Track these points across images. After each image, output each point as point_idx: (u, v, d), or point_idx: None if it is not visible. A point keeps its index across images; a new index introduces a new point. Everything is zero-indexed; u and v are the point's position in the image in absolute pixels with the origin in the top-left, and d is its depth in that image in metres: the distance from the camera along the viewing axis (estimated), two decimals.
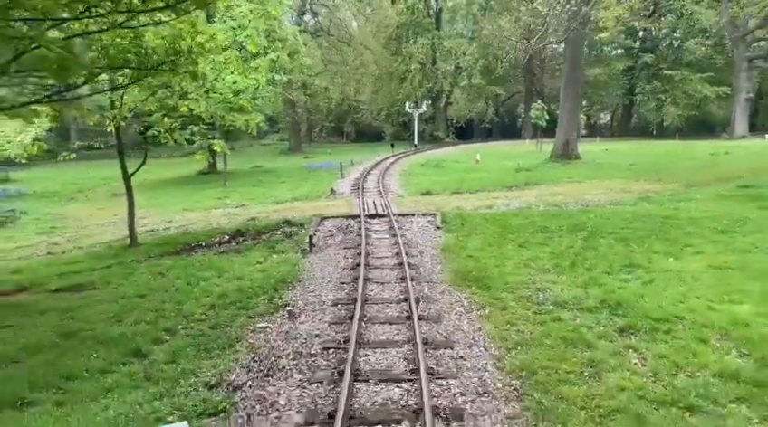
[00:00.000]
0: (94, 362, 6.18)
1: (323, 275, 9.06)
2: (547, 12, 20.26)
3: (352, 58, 47.11)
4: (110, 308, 8.08)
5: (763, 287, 6.97)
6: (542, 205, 13.81)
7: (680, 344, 5.59)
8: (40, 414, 5.07)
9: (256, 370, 5.75)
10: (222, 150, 13.63)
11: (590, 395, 4.76)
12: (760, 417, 4.28)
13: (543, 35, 22.54)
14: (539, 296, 7.39)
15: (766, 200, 12.34)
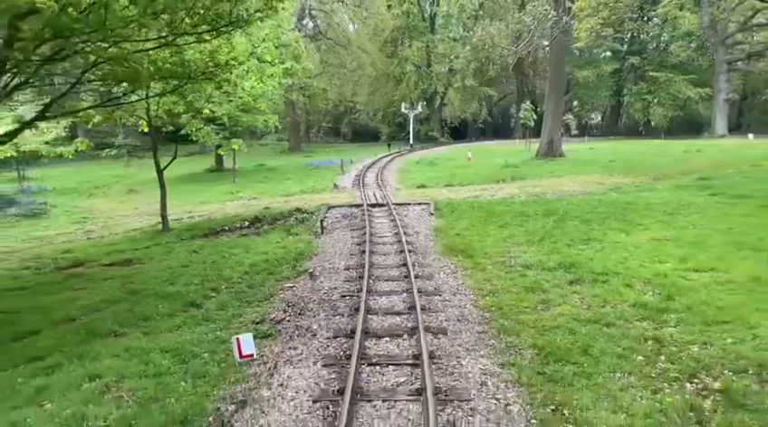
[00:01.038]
0: (161, 309, 7.93)
1: (335, 249, 10.85)
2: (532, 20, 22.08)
3: (349, 60, 48.90)
4: (161, 275, 9.85)
5: (686, 252, 8.82)
6: (523, 196, 15.63)
7: (612, 288, 7.42)
8: (133, 340, 6.83)
9: (291, 311, 7.53)
10: (239, 147, 15.39)
11: (539, 319, 6.57)
12: (654, 328, 6.09)
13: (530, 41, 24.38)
14: (511, 261, 9.21)
15: (714, 189, 14.23)
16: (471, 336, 6.31)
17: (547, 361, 5.51)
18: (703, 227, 10.51)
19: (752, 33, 47.36)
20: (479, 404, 4.80)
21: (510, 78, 59.59)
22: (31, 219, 18.13)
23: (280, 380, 5.48)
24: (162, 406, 5.03)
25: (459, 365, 5.58)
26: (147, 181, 29.83)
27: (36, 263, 11.73)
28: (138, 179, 30.83)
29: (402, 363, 5.62)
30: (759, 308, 6.30)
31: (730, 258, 8.30)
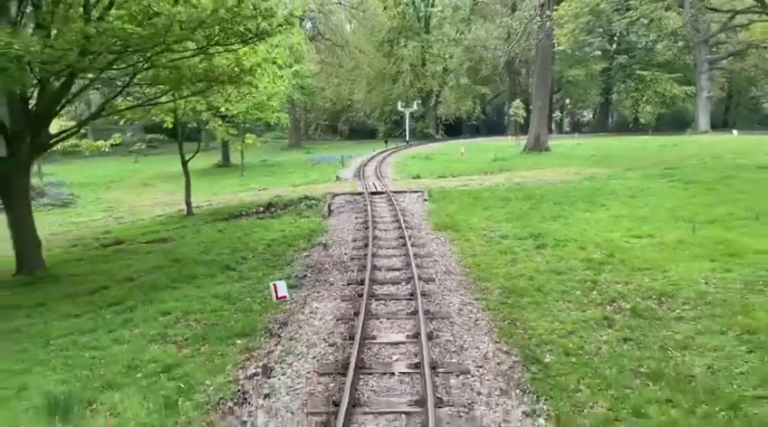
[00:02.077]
0: (203, 271, 9.73)
1: (342, 227, 12.69)
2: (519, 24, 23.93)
3: (347, 60, 50.63)
4: (195, 248, 11.65)
5: (634, 224, 10.71)
6: (507, 184, 17.49)
7: (568, 250, 9.28)
8: (187, 291, 8.63)
9: (311, 270, 9.36)
10: (253, 143, 17.18)
11: (508, 271, 8.41)
12: (593, 274, 7.92)
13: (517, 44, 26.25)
14: (491, 234, 11.06)
15: (673, 177, 16.14)
16: (453, 283, 8.15)
17: (509, 296, 7.36)
18: (654, 206, 12.40)
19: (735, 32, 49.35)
20: (456, 320, 6.64)
21: (503, 77, 61.39)
22: (61, 208, 19.86)
23: (310, 309, 7.31)
24: (224, 327, 6.84)
25: (443, 299, 7.42)
26: (158, 175, 31.59)
27: (82, 242, 13.50)
28: (148, 174, 32.55)
29: (401, 298, 7.46)
30: (674, 259, 8.17)
31: (666, 227, 10.19)
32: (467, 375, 5.22)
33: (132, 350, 6.33)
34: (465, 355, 5.69)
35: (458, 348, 5.84)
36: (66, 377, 5.69)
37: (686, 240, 9.14)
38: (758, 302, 6.31)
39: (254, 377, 5.47)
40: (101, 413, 4.95)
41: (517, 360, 5.54)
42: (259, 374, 5.50)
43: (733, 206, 11.45)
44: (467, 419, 4.47)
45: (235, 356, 6.01)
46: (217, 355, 6.05)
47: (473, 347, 5.87)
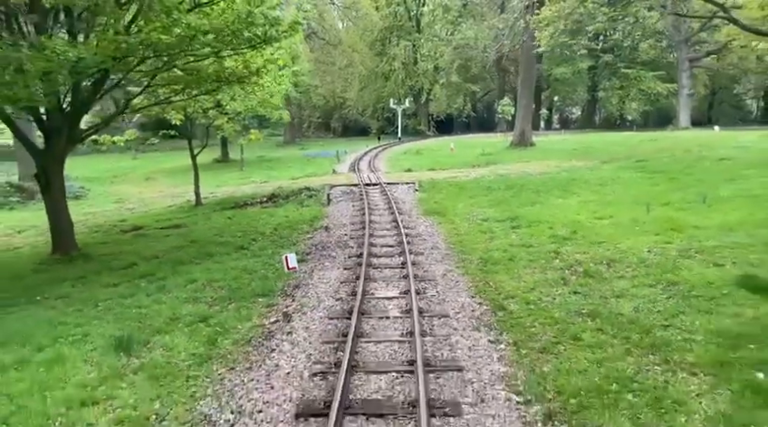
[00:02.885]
0: (219, 250, 11.02)
1: (341, 213, 14.02)
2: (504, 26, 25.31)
3: (340, 59, 51.84)
4: (209, 232, 12.94)
5: (599, 208, 12.14)
6: (491, 176, 18.89)
7: (539, 229, 10.68)
8: (208, 265, 9.93)
9: (315, 248, 10.68)
10: (257, 138, 18.43)
11: (486, 247, 9.79)
12: (557, 247, 9.31)
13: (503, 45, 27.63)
14: (473, 217, 12.44)
15: (643, 169, 17.63)
16: (439, 256, 9.53)
17: (485, 264, 8.74)
18: (620, 193, 13.86)
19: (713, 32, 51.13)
20: (440, 282, 8.01)
21: (492, 75, 62.87)
22: (74, 200, 20.93)
23: (318, 276, 8.66)
24: (245, 290, 8.16)
25: (430, 267, 8.78)
26: (159, 171, 32.70)
27: (102, 229, 14.72)
28: (149, 169, 33.64)
29: (394, 267, 8.82)
30: (627, 235, 9.60)
31: (626, 210, 11.63)
32: (447, 318, 6.59)
33: (170, 308, 7.62)
34: (445, 305, 7.06)
35: (441, 301, 7.21)
36: (120, 327, 6.97)
37: (640, 219, 10.58)
38: (685, 264, 7.73)
39: (276, 323, 6.81)
40: (157, 349, 6.26)
41: (487, 308, 6.91)
42: (280, 320, 6.85)
43: (687, 192, 12.93)
44: (445, 344, 5.84)
45: (259, 310, 7.34)
46: (243, 309, 7.37)
47: (452, 300, 7.24)
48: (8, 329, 7.20)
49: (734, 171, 15.51)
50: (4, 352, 6.35)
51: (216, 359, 5.90)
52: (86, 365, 5.91)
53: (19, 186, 20.81)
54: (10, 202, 19.74)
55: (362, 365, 5.35)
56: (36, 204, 20.62)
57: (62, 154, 11.02)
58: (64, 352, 6.24)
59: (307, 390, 5.01)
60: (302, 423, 4.45)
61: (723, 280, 6.91)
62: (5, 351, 6.38)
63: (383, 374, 5.22)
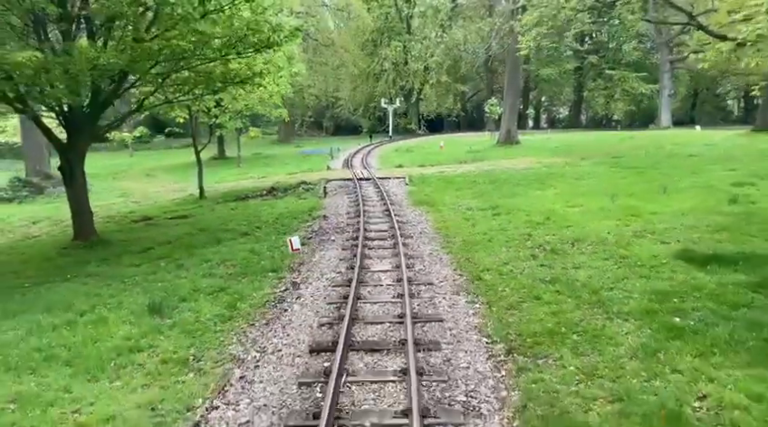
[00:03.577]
0: (227, 236, 12.11)
1: (337, 204, 15.16)
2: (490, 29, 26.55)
3: (333, 59, 52.92)
4: (215, 221, 14.01)
5: (572, 198, 13.39)
6: (477, 171, 20.12)
7: (516, 216, 11.89)
8: (219, 248, 11.02)
9: (315, 234, 11.81)
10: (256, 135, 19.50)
11: (469, 231, 10.98)
12: (530, 231, 10.53)
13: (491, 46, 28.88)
14: (459, 207, 13.64)
15: (617, 164, 18.97)
16: (427, 238, 10.71)
17: (467, 245, 9.93)
18: (592, 186, 15.15)
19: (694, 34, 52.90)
20: (427, 258, 9.19)
21: (482, 75, 64.26)
22: None
23: (319, 255, 9.81)
24: (256, 267, 9.28)
25: (419, 248, 9.96)
26: (157, 167, 33.58)
27: (114, 219, 15.73)
28: (147, 166, 34.50)
29: (387, 247, 9.99)
30: (592, 220, 10.85)
31: (595, 200, 12.90)
32: (432, 285, 7.77)
33: (191, 281, 8.71)
34: (431, 276, 8.25)
35: (427, 273, 8.40)
36: (150, 296, 8.03)
37: (606, 207, 11.85)
38: (637, 242, 8.98)
39: (286, 290, 7.96)
40: (185, 312, 7.36)
41: (466, 278, 8.10)
42: (290, 289, 7.99)
43: (651, 184, 14.24)
44: (430, 304, 7.02)
45: (269, 282, 8.47)
46: (256, 281, 8.49)
47: (437, 272, 8.43)
48: (50, 300, 8.27)
49: (698, 166, 16.88)
50: (52, 316, 7.43)
51: (237, 318, 7.03)
52: (126, 324, 7.00)
53: (27, 181, 21.69)
54: (19, 196, 20.64)
55: (361, 318, 6.52)
56: (44, 198, 21.57)
57: (84, 149, 12.06)
58: (105, 315, 7.34)
59: (317, 335, 6.17)
60: (315, 357, 5.61)
61: (665, 254, 8.17)
62: (53, 316, 7.46)
63: (378, 324, 6.39)
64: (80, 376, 5.65)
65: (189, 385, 5.28)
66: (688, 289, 6.69)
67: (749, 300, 6.14)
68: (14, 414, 4.96)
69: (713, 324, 5.59)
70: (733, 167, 15.93)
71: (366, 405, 4.62)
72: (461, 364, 5.36)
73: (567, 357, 5.28)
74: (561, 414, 4.30)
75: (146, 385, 5.36)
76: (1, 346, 6.47)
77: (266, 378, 5.27)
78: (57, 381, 5.54)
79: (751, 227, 9.30)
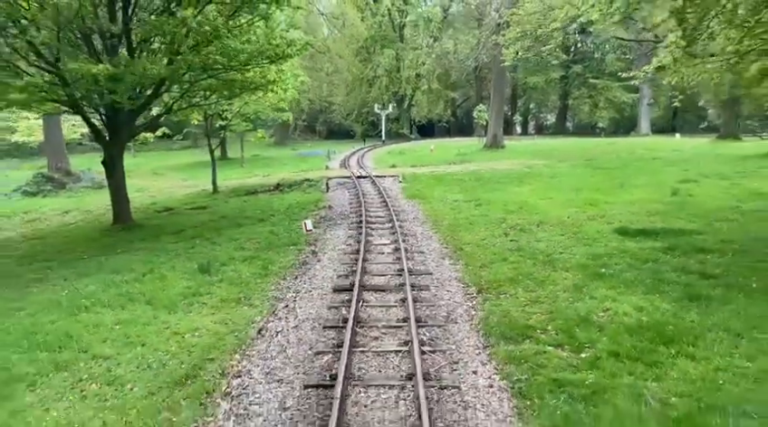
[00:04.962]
0: (246, 222, 14.07)
1: (340, 197, 17.18)
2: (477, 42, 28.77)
3: (327, 65, 55.08)
4: (232, 211, 15.95)
5: (544, 193, 15.54)
6: (464, 171, 22.24)
7: (495, 206, 13.99)
8: (243, 230, 12.98)
9: (323, 220, 13.81)
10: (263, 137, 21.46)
11: (454, 217, 13.05)
12: (505, 216, 12.62)
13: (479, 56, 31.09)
14: (446, 200, 15.71)
15: (589, 165, 21.21)
16: (418, 222, 12.77)
17: (452, 227, 11.99)
18: (564, 183, 17.32)
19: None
20: (419, 236, 11.24)
21: (471, 82, 66.76)
22: (97, 190, 23.65)
23: (330, 234, 11.82)
24: (278, 243, 11.26)
25: (412, 229, 12.01)
26: (163, 167, 35.36)
27: (139, 210, 17.58)
28: (154, 166, 36.24)
29: (385, 229, 12.02)
30: (557, 208, 12.98)
31: (563, 194, 15.06)
32: (423, 253, 9.82)
33: (225, 253, 10.67)
34: (422, 247, 10.30)
35: (419, 245, 10.45)
36: (196, 261, 10.00)
37: (570, 199, 14.00)
38: (588, 224, 11.12)
39: (306, 257, 9.96)
40: (228, 272, 9.31)
41: (450, 249, 10.16)
42: (309, 256, 10.00)
43: (613, 181, 16.46)
44: (421, 263, 9.07)
45: (292, 252, 10.46)
46: (280, 251, 10.49)
47: (427, 245, 10.48)
48: (113, 265, 10.19)
49: (658, 167, 19.16)
50: (121, 276, 9.35)
51: (271, 275, 9.02)
52: (182, 280, 8.94)
53: (49, 177, 23.43)
54: (43, 190, 22.38)
55: (369, 271, 8.56)
56: (66, 193, 23.32)
57: (123, 145, 13.98)
58: (165, 273, 9.29)
59: (336, 282, 8.19)
60: (338, 294, 7.63)
61: (607, 231, 10.31)
62: (121, 275, 9.38)
63: (382, 276, 8.43)
64: (160, 310, 7.60)
65: (247, 312, 7.28)
66: (616, 252, 8.82)
67: (656, 258, 8.28)
68: (120, 330, 6.90)
69: (625, 271, 7.71)
70: (686, 168, 18.23)
71: (378, 318, 6.65)
72: (444, 297, 7.42)
73: (520, 293, 7.36)
74: (510, 321, 6.36)
75: (213, 313, 7.34)
76: (91, 294, 8.39)
77: (304, 306, 7.29)
78: (145, 313, 7.49)
79: (680, 212, 11.48)
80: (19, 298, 8.56)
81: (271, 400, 4.91)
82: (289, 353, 5.90)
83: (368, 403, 4.72)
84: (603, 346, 5.50)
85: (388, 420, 4.46)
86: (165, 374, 5.55)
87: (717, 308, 6.24)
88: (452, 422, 4.41)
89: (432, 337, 6.07)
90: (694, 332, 5.63)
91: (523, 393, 4.81)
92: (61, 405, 5.11)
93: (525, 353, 5.53)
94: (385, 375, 5.19)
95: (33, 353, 6.35)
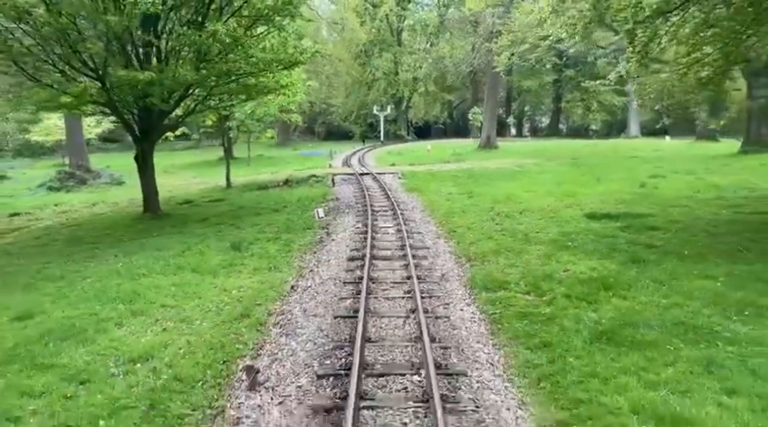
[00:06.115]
0: (263, 211, 15.73)
1: (345, 190, 18.89)
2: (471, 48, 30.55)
3: (327, 68, 56.84)
4: (249, 202, 17.62)
5: (529, 187, 17.28)
6: (458, 169, 23.99)
7: (484, 197, 15.71)
8: (259, 218, 14.66)
9: (332, 209, 15.50)
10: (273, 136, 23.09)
11: (448, 206, 14.76)
12: (494, 205, 14.35)
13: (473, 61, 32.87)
14: (442, 192, 17.43)
15: (573, 164, 22.98)
16: (417, 211, 14.48)
17: (446, 214, 13.70)
18: (548, 178, 19.08)
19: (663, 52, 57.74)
20: (418, 221, 12.95)
21: (467, 85, 68.63)
22: (116, 186, 25.28)
23: (339, 220, 13.52)
24: (294, 227, 12.95)
25: (412, 215, 13.71)
26: (172, 166, 36.92)
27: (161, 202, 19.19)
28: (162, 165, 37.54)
29: (388, 215, 13.73)
30: (538, 199, 14.72)
31: (546, 187, 16.80)
32: (421, 234, 11.53)
33: (251, 235, 12.33)
34: (421, 229, 12.01)
35: (418, 228, 12.15)
36: (225, 242, 11.66)
37: (552, 191, 15.76)
38: (564, 210, 12.86)
39: (322, 237, 11.66)
40: (256, 249, 10.98)
41: (444, 231, 11.86)
42: (324, 236, 11.70)
43: (592, 176, 18.23)
44: (420, 241, 10.78)
45: (308, 234, 12.15)
46: (299, 233, 12.17)
47: (424, 228, 12.19)
48: (154, 245, 11.85)
49: (634, 164, 20.97)
50: (164, 253, 10.99)
51: (294, 251, 10.71)
52: (218, 255, 10.61)
53: (71, 174, 25.04)
54: (67, 186, 23.98)
55: (377, 246, 10.26)
56: (88, 188, 24.94)
57: (154, 143, 15.64)
58: (203, 250, 10.96)
59: (350, 254, 9.90)
60: (352, 261, 9.32)
61: (578, 215, 12.06)
62: (164, 252, 11.02)
63: (388, 249, 10.13)
64: (205, 275, 9.27)
65: (278, 275, 8.97)
66: (583, 231, 10.56)
67: (614, 234, 10.03)
68: (177, 289, 8.55)
69: (587, 244, 9.45)
70: (659, 165, 20.04)
71: (386, 277, 8.36)
72: (439, 264, 9.15)
73: (501, 261, 9.07)
74: (491, 278, 8.07)
75: (250, 277, 9.02)
76: (143, 265, 10.03)
77: (325, 270, 9.00)
78: (194, 278, 9.15)
79: (644, 201, 13.25)
80: (82, 270, 10.22)
81: (310, 325, 6.61)
82: (318, 299, 7.60)
83: (382, 325, 6.43)
84: (560, 292, 7.22)
85: (398, 335, 6.17)
86: (224, 314, 7.23)
87: (652, 267, 7.98)
88: (443, 336, 6.12)
89: (429, 289, 7.78)
90: (629, 282, 7.36)
91: (495, 321, 6.53)
92: (148, 335, 6.77)
93: (500, 297, 7.25)
94: (394, 311, 6.90)
95: (111, 305, 7.99)
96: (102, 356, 6.10)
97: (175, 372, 5.52)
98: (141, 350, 6.14)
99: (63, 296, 8.53)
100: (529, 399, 4.78)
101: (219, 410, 4.83)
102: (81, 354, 6.19)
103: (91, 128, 32.38)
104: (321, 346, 6.02)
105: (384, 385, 4.99)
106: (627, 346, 5.51)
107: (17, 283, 9.52)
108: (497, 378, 5.18)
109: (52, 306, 8.03)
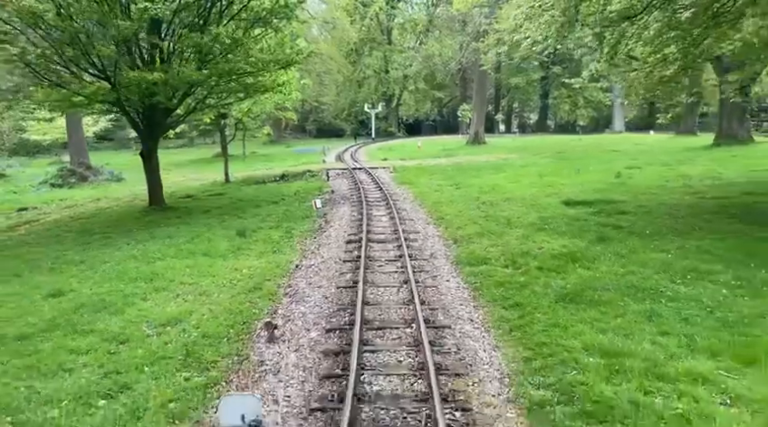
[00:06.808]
0: (262, 204, 16.63)
1: (340, 184, 19.83)
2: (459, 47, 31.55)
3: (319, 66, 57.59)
4: (248, 196, 18.51)
5: (514, 178, 18.35)
6: (448, 163, 25.02)
7: (471, 189, 16.75)
8: (261, 210, 15.58)
9: (328, 201, 16.44)
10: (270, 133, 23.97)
11: (437, 196, 15.77)
12: (480, 195, 15.39)
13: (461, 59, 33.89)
14: (431, 184, 18.44)
15: (557, 157, 24.10)
16: (408, 201, 15.48)
17: (436, 203, 14.70)
18: (532, 171, 20.17)
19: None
20: (409, 210, 13.95)
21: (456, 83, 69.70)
22: (117, 182, 26.01)
23: (336, 210, 14.49)
24: (294, 216, 13.88)
25: (403, 205, 14.71)
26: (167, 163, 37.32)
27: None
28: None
29: (381, 205, 14.72)
30: (521, 189, 15.77)
31: (529, 179, 17.88)
32: (413, 220, 12.53)
33: (253, 224, 13.24)
34: (412, 216, 13.00)
35: (409, 215, 13.15)
36: (231, 230, 12.55)
37: (533, 182, 16.83)
38: (544, 199, 13.92)
39: (321, 225, 12.61)
40: (260, 235, 11.91)
41: (434, 218, 12.87)
42: (323, 224, 12.66)
43: (572, 168, 19.33)
44: (411, 226, 11.78)
45: (308, 222, 13.10)
46: (299, 222, 13.11)
47: (415, 215, 13.19)
48: (164, 234, 12.72)
49: (614, 157, 22.13)
50: (174, 240, 11.89)
51: (296, 237, 11.66)
52: (225, 241, 11.52)
53: (72, 171, 25.72)
54: (69, 182, 24.68)
55: (372, 231, 11.25)
56: (89, 185, 25.65)
57: (158, 139, 16.48)
58: (210, 237, 11.87)
59: (347, 238, 10.87)
60: (350, 243, 10.30)
61: (556, 203, 13.12)
62: (175, 240, 11.92)
63: (382, 234, 11.12)
64: (216, 258, 10.20)
65: (283, 257, 9.92)
66: (559, 215, 11.62)
67: (586, 218, 11.10)
68: (192, 269, 9.47)
69: (561, 227, 10.51)
70: (636, 158, 21.21)
71: (381, 256, 9.35)
72: (428, 244, 10.16)
73: (484, 242, 10.09)
74: (474, 255, 9.08)
75: (258, 258, 9.97)
76: (157, 251, 10.91)
77: (326, 251, 9.97)
78: (206, 260, 10.07)
79: (617, 189, 14.37)
80: (100, 255, 11.08)
81: (315, 294, 7.59)
82: (321, 275, 8.57)
83: (378, 293, 7.43)
84: (534, 265, 8.25)
85: (393, 300, 7.17)
86: (238, 287, 8.18)
87: (616, 244, 9.05)
88: (431, 300, 7.13)
89: (420, 265, 8.78)
90: (594, 256, 8.41)
91: (477, 288, 7.55)
92: (172, 306, 7.69)
93: (482, 270, 8.27)
94: (389, 282, 7.89)
95: (134, 283, 8.88)
96: (135, 323, 7.01)
97: (202, 331, 6.47)
98: (169, 316, 7.07)
99: (87, 278, 9.41)
100: (501, 344, 5.80)
101: (245, 356, 5.80)
102: (116, 321, 7.10)
103: (89, 126, 32.96)
104: (326, 309, 7.00)
105: (382, 335, 5.99)
106: (585, 304, 6.55)
107: (42, 267, 10.37)
108: (476, 330, 6.19)
109: (79, 285, 8.91)
